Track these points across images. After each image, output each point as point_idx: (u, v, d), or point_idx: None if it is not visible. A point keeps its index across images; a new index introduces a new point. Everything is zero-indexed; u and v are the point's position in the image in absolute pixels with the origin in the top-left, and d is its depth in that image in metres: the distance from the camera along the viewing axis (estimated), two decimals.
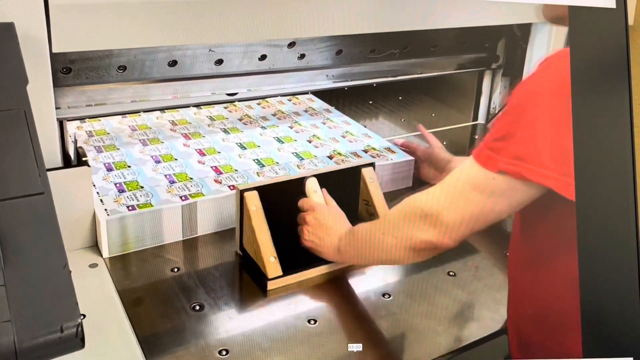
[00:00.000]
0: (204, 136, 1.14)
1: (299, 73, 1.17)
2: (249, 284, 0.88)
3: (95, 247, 0.90)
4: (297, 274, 0.87)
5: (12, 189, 0.59)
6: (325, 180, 0.93)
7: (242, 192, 0.88)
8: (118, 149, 1.05)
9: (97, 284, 0.84)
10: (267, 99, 1.27)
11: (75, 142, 0.89)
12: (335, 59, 1.18)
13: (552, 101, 0.70)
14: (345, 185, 0.95)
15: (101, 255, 0.89)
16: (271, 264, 0.86)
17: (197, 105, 1.22)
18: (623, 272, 0.77)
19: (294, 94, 1.31)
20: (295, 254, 0.88)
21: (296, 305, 0.84)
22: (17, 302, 0.52)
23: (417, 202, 0.76)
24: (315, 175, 0.92)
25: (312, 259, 0.88)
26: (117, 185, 0.96)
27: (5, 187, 0.59)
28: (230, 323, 0.79)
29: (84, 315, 0.74)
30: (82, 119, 1.13)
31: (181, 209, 0.94)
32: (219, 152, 1.09)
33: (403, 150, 1.15)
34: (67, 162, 0.88)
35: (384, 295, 0.87)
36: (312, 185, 0.92)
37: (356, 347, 0.77)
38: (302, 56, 1.14)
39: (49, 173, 0.63)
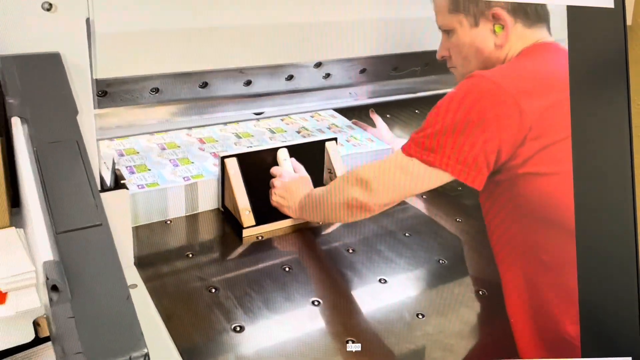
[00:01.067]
0: None
1: (323, 91, 1.19)
2: (229, 233, 1.06)
3: (133, 267, 0.92)
4: (266, 225, 1.05)
5: (72, 221, 0.61)
6: (296, 151, 1.09)
7: (222, 158, 1.04)
8: (149, 169, 1.07)
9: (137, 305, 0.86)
10: (290, 116, 1.29)
11: (114, 164, 0.91)
12: (359, 77, 1.20)
13: (454, 108, 0.86)
14: (312, 156, 1.11)
15: (140, 277, 0.90)
16: (246, 216, 1.03)
17: (224, 123, 1.24)
18: (621, 271, 0.78)
19: (315, 110, 1.33)
20: (267, 210, 1.05)
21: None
22: (86, 333, 0.53)
23: (357, 170, 0.95)
24: (286, 147, 1.08)
25: (280, 215, 1.06)
26: None
27: (66, 219, 0.61)
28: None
29: None
30: (111, 138, 1.15)
31: None
32: None
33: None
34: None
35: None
36: (282, 155, 1.08)
37: (355, 348, 0.83)
38: (328, 75, 1.16)
39: None
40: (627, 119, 0.80)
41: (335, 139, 1.13)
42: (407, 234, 1.07)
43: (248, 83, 1.08)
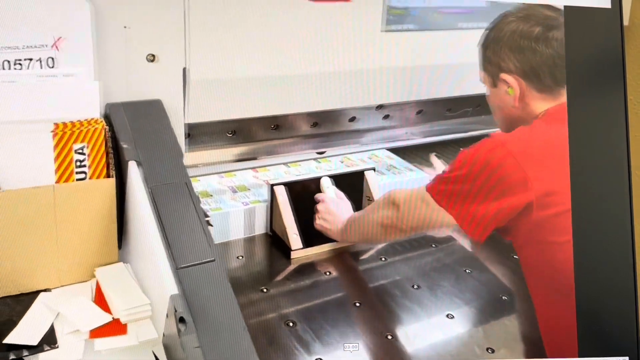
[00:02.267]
0: None
1: (381, 131, 1.25)
2: (277, 254, 1.12)
3: None
4: (312, 247, 1.10)
5: (189, 257, 0.66)
6: (338, 179, 1.15)
7: (272, 185, 1.11)
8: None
9: None
10: (348, 156, 1.35)
11: (199, 201, 0.96)
12: (415, 118, 1.26)
13: (469, 163, 0.91)
14: (353, 185, 1.17)
15: None
16: (294, 239, 1.09)
17: (285, 164, 1.30)
18: (618, 271, 0.78)
19: (370, 150, 1.38)
20: (312, 234, 1.11)
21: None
22: None
23: (392, 193, 1.03)
24: (329, 175, 1.15)
25: (324, 238, 1.11)
26: None
27: (184, 255, 0.66)
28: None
29: None
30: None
31: None
32: None
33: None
34: None
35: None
36: (325, 182, 1.15)
37: (352, 348, 0.88)
38: (387, 116, 1.22)
39: None
40: (624, 119, 0.80)
41: (373, 168, 1.21)
42: (467, 270, 1.11)
43: (315, 124, 1.14)
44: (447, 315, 1.00)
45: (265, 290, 1.04)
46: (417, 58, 1.07)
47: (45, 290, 0.73)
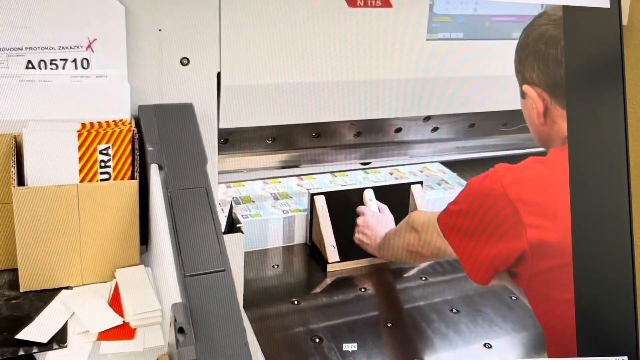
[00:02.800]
0: None
1: (430, 144, 1.19)
2: (314, 266, 1.10)
3: (242, 310, 0.94)
4: (349, 261, 1.08)
5: (199, 265, 0.64)
6: (382, 192, 1.12)
7: (312, 195, 1.08)
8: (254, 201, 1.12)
9: None
10: (399, 168, 1.30)
11: (231, 208, 0.95)
12: (467, 132, 1.20)
13: (470, 201, 0.85)
14: (398, 198, 1.15)
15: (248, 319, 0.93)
16: (331, 252, 1.07)
17: (332, 172, 1.27)
18: (617, 271, 0.78)
19: (422, 163, 1.33)
20: (351, 248, 1.09)
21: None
22: None
23: (413, 217, 1.00)
24: (372, 187, 1.12)
25: (363, 253, 1.08)
26: None
27: (192, 262, 0.64)
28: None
29: None
30: (227, 183, 1.21)
31: None
32: None
33: None
34: None
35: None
36: (368, 195, 1.11)
37: (351, 347, 0.87)
38: (436, 129, 1.16)
39: None
40: (623, 119, 0.79)
41: (421, 182, 1.16)
42: (512, 297, 1.03)
43: (358, 134, 1.11)
44: (485, 345, 0.93)
45: (296, 302, 1.02)
46: (468, 68, 1.01)
47: (67, 288, 0.74)
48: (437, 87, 1.02)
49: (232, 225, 0.95)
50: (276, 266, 1.10)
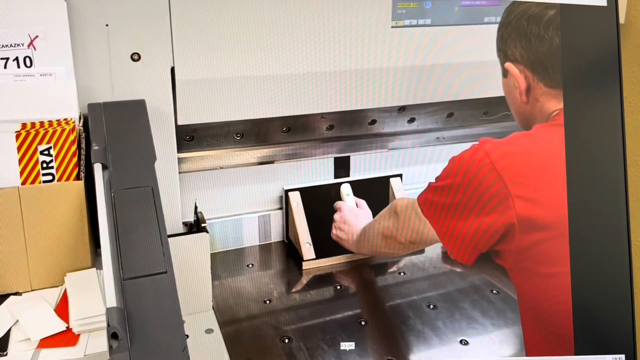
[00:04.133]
0: None
1: (409, 135, 1.16)
2: (291, 264, 1.07)
3: (211, 311, 0.92)
4: (326, 258, 1.05)
5: (138, 267, 0.62)
6: (360, 186, 1.10)
7: (286, 191, 1.06)
8: None
9: (212, 350, 0.86)
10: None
11: (196, 207, 0.93)
12: (446, 122, 1.16)
13: (454, 174, 0.83)
14: (376, 192, 1.12)
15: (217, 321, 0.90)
16: (306, 249, 1.04)
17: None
18: (614, 269, 0.78)
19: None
20: (328, 244, 1.06)
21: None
22: None
23: (397, 201, 0.97)
24: (350, 182, 1.09)
25: (340, 249, 1.06)
26: None
27: (133, 265, 0.62)
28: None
29: None
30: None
31: None
32: None
33: None
34: None
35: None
36: (345, 190, 1.09)
37: (348, 346, 0.85)
38: (412, 120, 1.12)
39: (170, 239, 0.66)
40: (619, 117, 0.79)
41: (400, 175, 1.13)
42: (494, 291, 1.00)
43: (330, 127, 1.07)
44: (461, 341, 0.90)
45: (268, 301, 0.99)
46: (438, 56, 0.97)
47: (15, 294, 0.72)
48: (407, 76, 0.98)
49: (198, 225, 0.92)
50: (251, 265, 1.08)
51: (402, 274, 1.06)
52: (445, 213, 0.82)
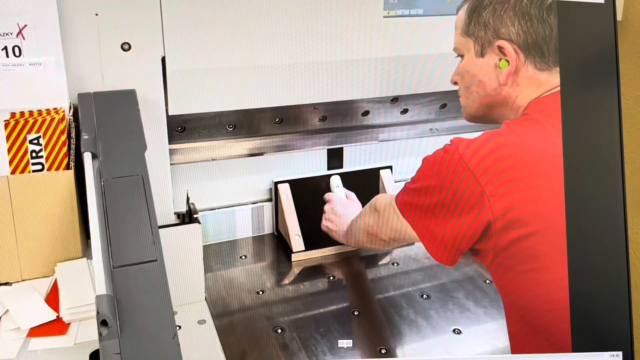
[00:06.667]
0: None
1: (403, 127, 1.15)
2: (282, 256, 1.07)
3: (203, 302, 0.92)
4: (315, 250, 1.05)
5: (128, 255, 0.61)
6: (350, 178, 1.09)
7: (276, 183, 1.06)
8: None
9: (205, 341, 0.86)
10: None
11: (188, 198, 0.93)
12: (439, 113, 1.16)
13: (429, 176, 0.82)
14: (367, 184, 1.12)
15: (210, 312, 0.90)
16: (295, 241, 1.04)
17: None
18: (612, 266, 0.78)
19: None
20: (318, 236, 1.05)
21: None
22: None
23: (377, 198, 0.95)
24: (340, 173, 1.09)
25: (330, 241, 1.05)
26: None
27: (122, 253, 0.61)
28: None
29: None
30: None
31: None
32: None
33: None
34: None
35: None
36: (335, 182, 1.09)
37: (346, 344, 0.85)
38: (405, 111, 1.12)
39: (162, 230, 0.65)
40: (617, 114, 0.79)
41: (390, 167, 1.13)
42: (487, 281, 1.00)
43: (323, 119, 1.07)
44: (454, 331, 0.90)
45: (261, 292, 0.99)
46: (431, 46, 0.97)
47: (6, 284, 0.71)
48: (400, 66, 0.98)
49: (190, 216, 0.92)
50: (244, 257, 1.07)
51: (394, 264, 1.06)
52: (424, 215, 0.81)
